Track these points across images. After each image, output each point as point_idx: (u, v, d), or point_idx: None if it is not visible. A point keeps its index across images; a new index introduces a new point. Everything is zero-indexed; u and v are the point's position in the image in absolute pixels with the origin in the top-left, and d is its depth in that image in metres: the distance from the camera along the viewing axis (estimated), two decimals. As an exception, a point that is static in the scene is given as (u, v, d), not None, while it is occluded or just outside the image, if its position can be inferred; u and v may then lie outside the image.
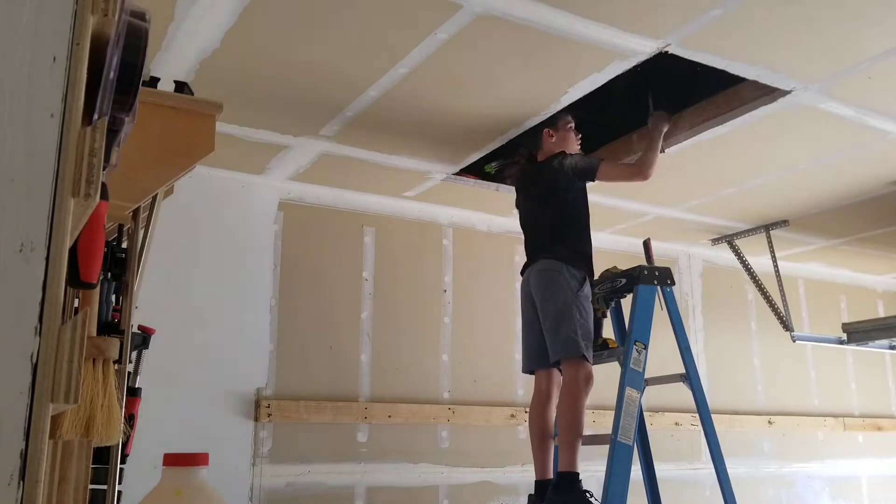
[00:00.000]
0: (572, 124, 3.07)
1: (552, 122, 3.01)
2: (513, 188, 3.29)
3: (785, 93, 2.68)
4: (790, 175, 3.49)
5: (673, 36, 2.32)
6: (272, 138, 3.12)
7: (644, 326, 2.81)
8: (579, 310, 2.78)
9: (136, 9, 0.99)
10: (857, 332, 4.21)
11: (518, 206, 3.19)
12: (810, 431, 4.94)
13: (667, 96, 3.11)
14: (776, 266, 4.30)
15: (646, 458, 3.07)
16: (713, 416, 2.89)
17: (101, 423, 1.24)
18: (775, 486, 4.71)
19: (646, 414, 3.35)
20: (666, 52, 2.39)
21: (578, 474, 2.69)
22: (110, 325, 1.67)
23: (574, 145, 3.05)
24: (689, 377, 2.86)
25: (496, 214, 4.10)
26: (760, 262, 4.53)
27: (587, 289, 2.84)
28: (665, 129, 3.09)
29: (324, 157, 3.33)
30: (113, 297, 1.76)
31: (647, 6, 2.17)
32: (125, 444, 1.86)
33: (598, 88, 2.67)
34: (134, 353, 2.12)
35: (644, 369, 2.78)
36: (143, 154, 1.64)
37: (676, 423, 4.34)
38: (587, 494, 2.68)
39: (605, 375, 3.00)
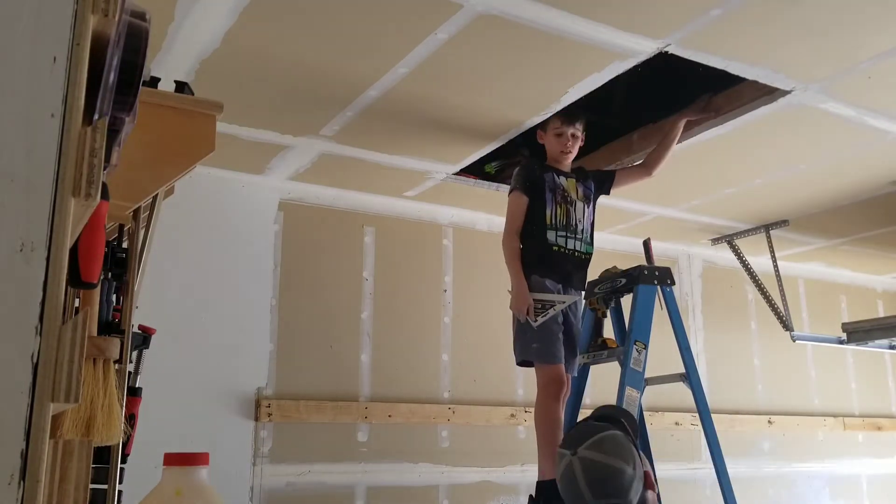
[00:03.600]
0: (562, 130, 2.87)
1: (545, 122, 2.92)
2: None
3: (785, 93, 2.68)
4: (790, 175, 3.49)
5: (673, 36, 2.32)
6: (272, 138, 3.12)
7: (644, 326, 2.82)
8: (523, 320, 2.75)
9: (137, 9, 0.99)
10: (857, 332, 4.20)
11: None
12: (810, 431, 4.94)
13: (667, 96, 3.11)
14: (776, 266, 4.30)
15: (646, 457, 3.07)
16: (713, 415, 2.89)
17: (102, 422, 1.24)
18: (775, 485, 4.71)
19: (646, 413, 3.35)
20: (666, 52, 2.40)
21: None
22: (111, 325, 1.67)
23: (555, 147, 2.89)
24: (689, 377, 2.87)
25: (496, 214, 4.09)
26: (760, 262, 4.53)
27: (534, 285, 2.75)
28: (689, 118, 2.96)
29: (324, 157, 3.32)
30: (113, 297, 1.76)
31: (647, 6, 2.17)
32: (125, 444, 1.86)
33: (599, 88, 2.67)
34: (134, 353, 2.12)
35: (644, 369, 2.79)
36: (144, 154, 1.64)
37: (676, 423, 4.33)
38: None
39: (605, 375, 3.00)
